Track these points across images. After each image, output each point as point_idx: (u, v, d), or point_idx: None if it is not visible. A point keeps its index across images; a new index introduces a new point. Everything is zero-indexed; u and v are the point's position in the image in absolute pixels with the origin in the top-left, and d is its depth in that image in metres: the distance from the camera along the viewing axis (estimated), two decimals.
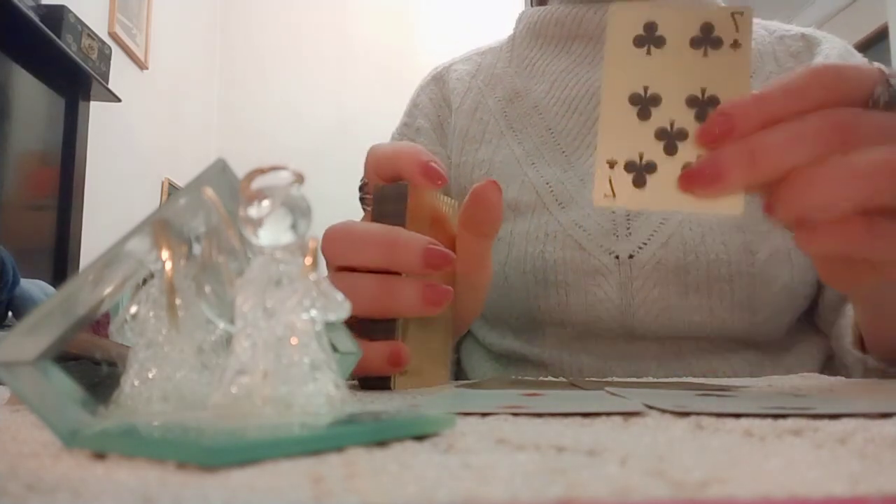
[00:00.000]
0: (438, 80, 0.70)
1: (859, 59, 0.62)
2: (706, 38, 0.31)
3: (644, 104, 0.31)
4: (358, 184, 0.54)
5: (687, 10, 0.32)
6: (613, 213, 0.54)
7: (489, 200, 0.38)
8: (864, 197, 0.28)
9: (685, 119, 0.31)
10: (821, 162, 0.28)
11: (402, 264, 0.35)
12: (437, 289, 0.35)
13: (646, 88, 0.31)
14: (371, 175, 0.40)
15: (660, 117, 0.31)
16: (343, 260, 0.36)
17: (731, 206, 0.30)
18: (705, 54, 0.31)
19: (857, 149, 0.28)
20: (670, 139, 0.31)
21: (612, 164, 0.31)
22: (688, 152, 0.31)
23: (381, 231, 0.36)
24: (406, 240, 0.35)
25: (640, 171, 0.31)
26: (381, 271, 0.35)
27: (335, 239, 0.36)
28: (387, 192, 0.38)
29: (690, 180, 0.30)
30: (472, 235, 0.39)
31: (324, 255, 0.37)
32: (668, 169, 0.31)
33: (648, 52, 0.32)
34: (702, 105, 0.31)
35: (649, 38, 0.32)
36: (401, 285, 0.35)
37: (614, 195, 0.31)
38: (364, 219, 0.44)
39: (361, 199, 0.41)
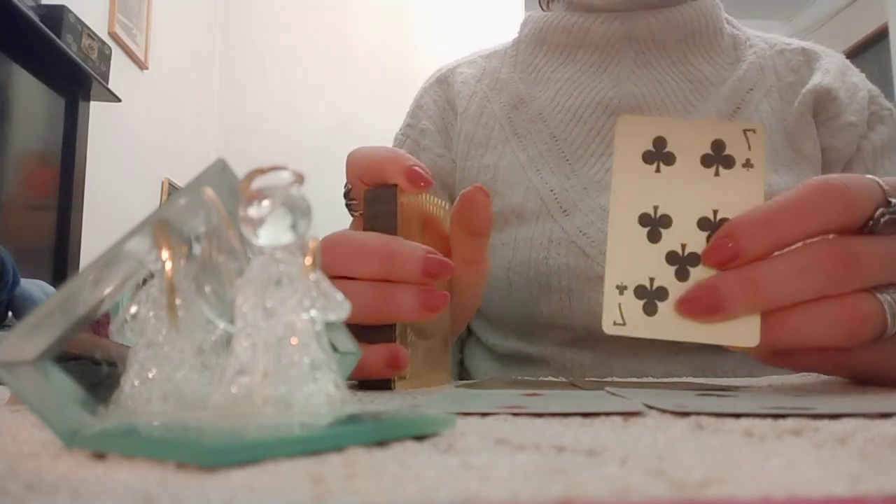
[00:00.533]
0: (443, 82, 0.70)
1: (857, 75, 0.63)
2: (717, 157, 0.30)
3: (654, 225, 0.30)
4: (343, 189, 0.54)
5: (697, 126, 0.31)
6: None
7: (477, 201, 0.38)
8: (851, 342, 0.29)
9: (697, 242, 0.30)
10: (817, 303, 0.29)
11: (401, 274, 0.35)
12: (434, 294, 0.35)
13: (655, 208, 0.30)
14: (354, 181, 0.40)
15: (670, 240, 0.30)
16: (341, 270, 0.36)
17: (747, 338, 0.29)
18: (717, 173, 0.30)
19: (864, 283, 0.29)
20: (682, 264, 0.30)
21: (621, 290, 0.30)
22: (700, 278, 0.30)
23: (380, 241, 0.36)
24: (404, 250, 0.35)
25: (651, 298, 0.30)
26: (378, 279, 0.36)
27: (333, 249, 0.36)
28: (377, 193, 0.38)
29: (689, 307, 0.29)
30: (466, 235, 0.40)
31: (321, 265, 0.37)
32: (680, 296, 0.30)
33: (658, 170, 0.31)
34: (714, 228, 0.30)
35: (658, 153, 0.31)
36: (398, 292, 0.35)
37: (624, 322, 0.30)
38: (354, 223, 0.44)
39: (348, 206, 0.41)
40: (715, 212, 0.30)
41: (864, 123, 0.60)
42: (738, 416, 0.20)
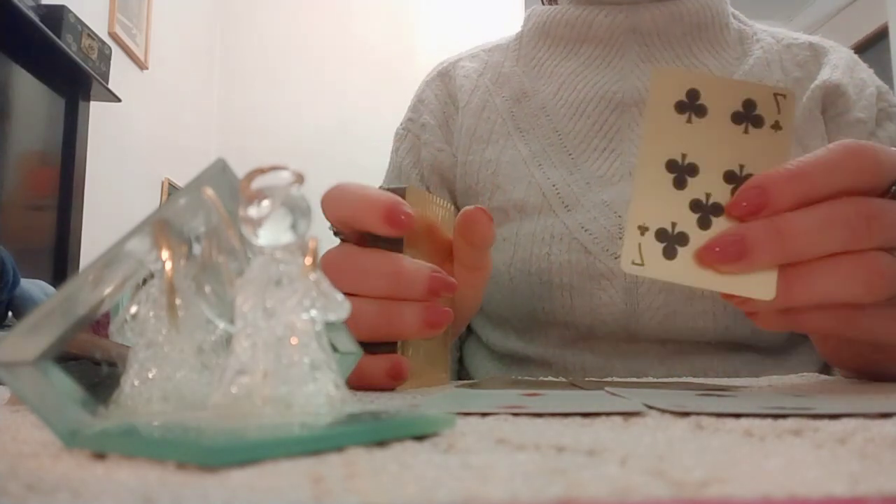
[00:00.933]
0: (444, 76, 0.69)
1: (865, 70, 0.62)
2: (748, 115, 0.31)
3: (681, 172, 0.31)
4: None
5: (730, 83, 0.32)
6: (619, 216, 0.54)
7: (478, 221, 0.38)
8: (868, 297, 0.29)
9: (721, 193, 0.30)
10: (835, 258, 0.29)
11: (407, 293, 0.35)
12: (438, 311, 0.35)
13: (684, 156, 0.31)
14: (337, 224, 0.38)
15: (696, 188, 0.30)
16: (346, 289, 0.36)
17: (764, 290, 0.29)
18: (746, 131, 0.31)
19: (884, 240, 0.29)
20: (705, 212, 0.30)
21: (642, 231, 0.30)
22: (722, 228, 0.30)
23: (385, 261, 0.35)
24: (410, 269, 0.35)
25: (672, 242, 0.30)
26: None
27: (338, 267, 0.35)
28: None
29: (713, 254, 0.29)
30: (468, 245, 0.40)
31: None
32: (701, 244, 0.30)
33: (689, 121, 0.31)
34: (739, 181, 0.30)
35: (691, 105, 0.31)
36: (402, 310, 0.35)
37: (643, 262, 0.30)
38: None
39: (336, 234, 0.40)
40: (741, 166, 0.30)
41: (872, 120, 0.59)
42: (738, 416, 0.20)
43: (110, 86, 2.14)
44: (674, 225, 0.30)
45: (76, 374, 0.18)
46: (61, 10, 1.90)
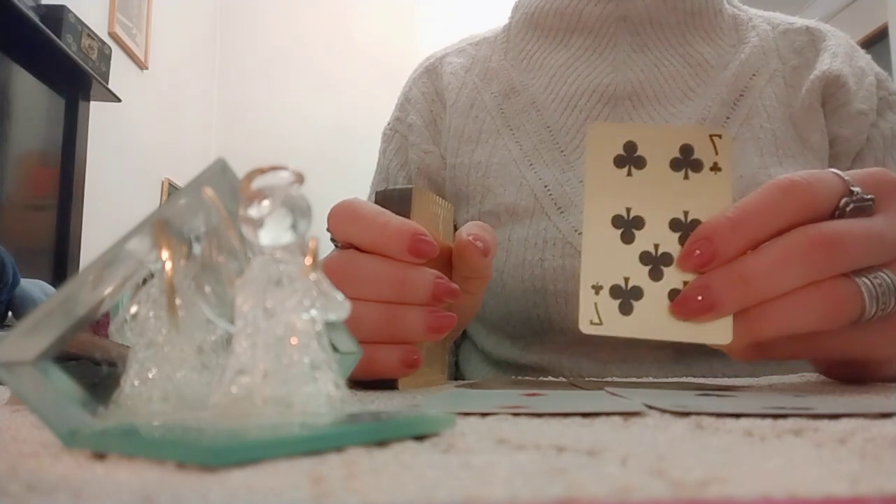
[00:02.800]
0: (431, 72, 0.67)
1: (863, 57, 0.61)
2: (686, 161, 0.31)
3: (627, 227, 0.31)
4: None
5: (666, 129, 0.33)
6: None
7: (470, 255, 0.38)
8: (829, 325, 0.30)
9: (669, 243, 0.31)
10: (793, 292, 0.29)
11: (411, 299, 0.35)
12: (441, 316, 0.35)
13: (628, 210, 0.31)
14: (342, 238, 0.38)
15: (643, 240, 0.31)
16: (350, 294, 0.36)
17: (720, 336, 0.30)
18: (686, 176, 0.31)
19: (847, 265, 0.29)
20: (655, 263, 0.31)
21: (597, 290, 0.31)
22: (674, 278, 0.31)
23: (390, 268, 0.35)
24: (415, 276, 0.35)
25: (627, 298, 0.31)
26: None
27: (342, 273, 0.35)
28: (391, 194, 0.38)
29: (684, 308, 0.30)
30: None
31: None
32: (655, 295, 0.30)
33: (629, 174, 0.32)
34: (685, 229, 0.31)
35: (629, 157, 0.32)
36: (405, 315, 0.35)
37: (601, 321, 0.31)
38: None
39: (333, 240, 0.40)
40: (686, 213, 0.31)
41: (873, 112, 0.57)
42: (738, 416, 0.20)
43: (110, 86, 2.14)
44: (626, 280, 0.31)
45: (76, 374, 0.18)
46: (61, 10, 1.90)
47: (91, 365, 0.23)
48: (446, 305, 0.37)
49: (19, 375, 0.16)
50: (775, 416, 0.20)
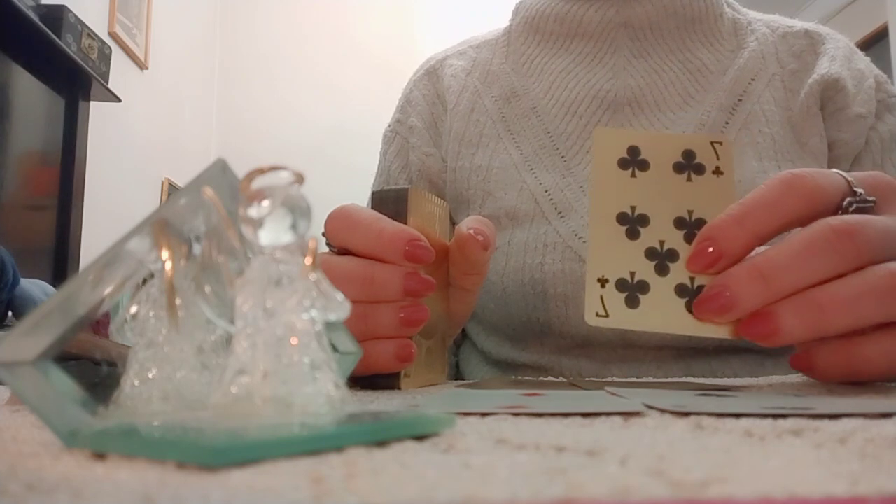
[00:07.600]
0: (432, 74, 0.67)
1: (862, 60, 0.61)
2: (689, 164, 0.32)
3: (632, 224, 0.32)
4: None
5: (667, 137, 0.33)
6: None
7: (470, 249, 0.38)
8: (879, 318, 0.29)
9: (674, 239, 0.31)
10: (837, 282, 0.28)
11: (382, 297, 0.35)
12: (413, 309, 0.35)
13: (633, 208, 0.32)
14: (339, 245, 0.38)
15: (649, 237, 0.31)
16: None
17: (722, 329, 0.30)
18: (689, 179, 0.32)
19: (872, 258, 0.29)
20: (661, 259, 0.31)
21: (603, 283, 0.31)
22: (679, 273, 0.31)
23: (358, 266, 0.35)
24: (382, 274, 0.35)
25: (633, 291, 0.31)
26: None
27: None
28: (387, 194, 0.38)
29: (706, 307, 0.30)
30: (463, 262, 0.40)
31: None
32: (661, 289, 0.31)
33: (633, 175, 0.32)
34: (690, 227, 0.31)
35: (633, 160, 0.32)
36: (377, 312, 0.35)
37: (607, 314, 0.31)
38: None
39: (329, 245, 0.40)
40: (690, 212, 0.32)
41: (872, 115, 0.57)
42: (738, 416, 0.20)
43: (110, 86, 2.14)
44: (633, 274, 0.31)
45: (76, 374, 0.18)
46: (61, 9, 1.90)
47: (91, 365, 0.23)
48: (442, 301, 0.37)
49: (19, 375, 0.16)
50: (775, 416, 0.19)
